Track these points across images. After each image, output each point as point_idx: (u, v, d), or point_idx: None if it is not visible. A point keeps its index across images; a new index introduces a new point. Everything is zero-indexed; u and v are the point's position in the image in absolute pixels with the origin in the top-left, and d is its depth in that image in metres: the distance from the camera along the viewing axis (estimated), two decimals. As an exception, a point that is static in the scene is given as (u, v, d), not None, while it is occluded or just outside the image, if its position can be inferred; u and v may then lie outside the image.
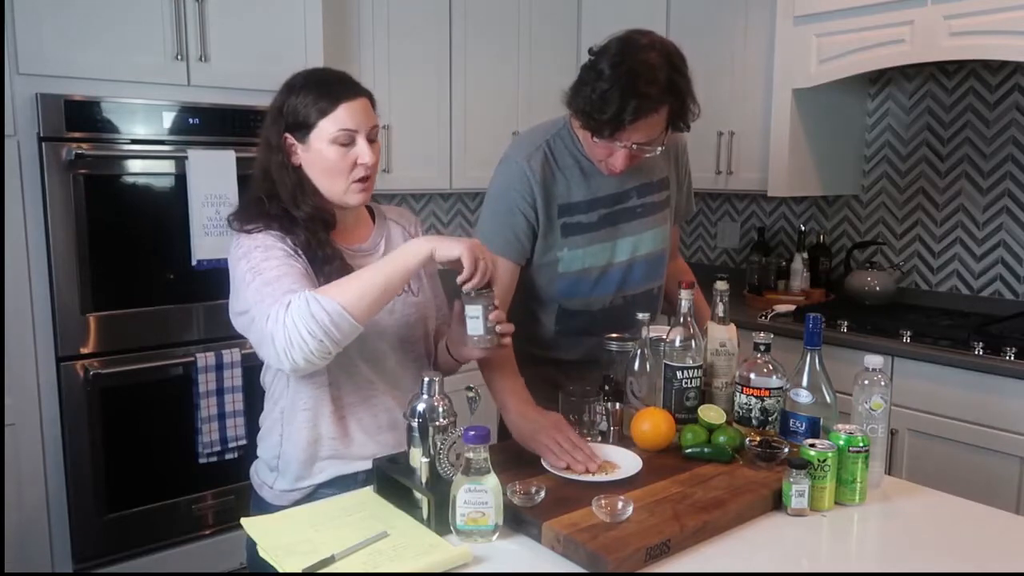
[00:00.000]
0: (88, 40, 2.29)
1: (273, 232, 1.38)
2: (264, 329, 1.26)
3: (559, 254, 1.69)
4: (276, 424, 1.47)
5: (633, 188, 1.73)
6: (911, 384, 2.45)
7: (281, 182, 1.40)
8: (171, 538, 2.55)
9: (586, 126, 1.54)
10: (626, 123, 1.48)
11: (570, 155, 1.68)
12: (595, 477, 1.35)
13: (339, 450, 1.44)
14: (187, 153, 2.43)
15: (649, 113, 1.49)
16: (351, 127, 1.38)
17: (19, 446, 2.28)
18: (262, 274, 1.32)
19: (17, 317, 2.25)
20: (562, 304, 1.74)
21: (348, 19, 2.97)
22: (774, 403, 1.53)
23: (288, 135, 1.40)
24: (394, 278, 1.28)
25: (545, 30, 3.52)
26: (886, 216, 3.14)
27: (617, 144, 1.54)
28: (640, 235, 1.75)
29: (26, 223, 2.25)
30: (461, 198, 3.77)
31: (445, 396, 1.29)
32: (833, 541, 1.28)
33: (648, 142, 1.55)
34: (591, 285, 1.73)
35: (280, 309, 1.24)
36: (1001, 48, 2.37)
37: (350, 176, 1.40)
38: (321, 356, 1.24)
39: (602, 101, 1.47)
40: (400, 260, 1.28)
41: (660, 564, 1.14)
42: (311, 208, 1.40)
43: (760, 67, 3.06)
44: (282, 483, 1.46)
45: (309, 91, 1.38)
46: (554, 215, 1.67)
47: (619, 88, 1.46)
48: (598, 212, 1.70)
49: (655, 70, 1.47)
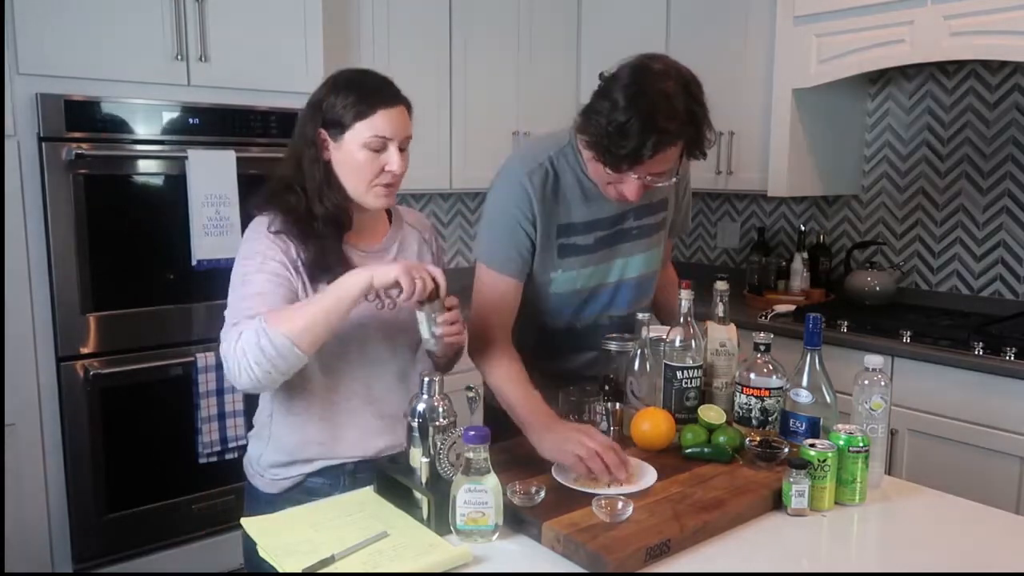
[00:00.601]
0: (88, 40, 2.29)
1: (283, 238, 1.41)
2: (221, 349, 1.35)
3: (553, 275, 1.65)
4: (265, 427, 1.52)
5: (631, 210, 1.67)
6: (911, 384, 2.45)
7: (310, 175, 1.43)
8: (171, 538, 2.55)
9: (600, 158, 1.47)
10: (645, 158, 1.41)
11: (572, 174, 1.62)
12: (607, 490, 1.30)
13: (327, 451, 1.48)
14: (187, 153, 2.43)
15: (667, 147, 1.42)
16: (385, 134, 1.41)
17: (19, 446, 2.28)
18: (246, 285, 1.39)
19: (17, 317, 2.25)
20: (547, 322, 1.72)
21: (348, 19, 2.98)
22: (774, 403, 1.53)
23: (323, 131, 1.42)
24: (339, 308, 1.31)
25: (545, 30, 3.52)
26: (886, 216, 3.14)
27: (632, 176, 1.47)
28: (632, 257, 1.71)
29: (26, 223, 2.25)
30: (461, 198, 3.77)
31: (445, 396, 1.29)
32: (833, 541, 1.27)
33: (662, 172, 1.49)
34: (580, 305, 1.70)
35: (234, 336, 1.32)
36: (1001, 48, 2.37)
37: (376, 180, 1.43)
38: (268, 383, 1.32)
39: (620, 135, 1.39)
40: (342, 291, 1.31)
41: (660, 564, 1.14)
42: (332, 206, 1.42)
43: (760, 67, 3.06)
44: (272, 471, 1.49)
45: (351, 92, 1.40)
46: (552, 235, 1.62)
47: (638, 122, 1.38)
48: (595, 235, 1.65)
49: (673, 100, 1.39)
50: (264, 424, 1.53)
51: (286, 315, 1.31)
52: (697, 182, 2.01)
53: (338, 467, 1.48)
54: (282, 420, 1.49)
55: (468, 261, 3.79)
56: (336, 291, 1.31)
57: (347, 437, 1.48)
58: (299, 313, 1.31)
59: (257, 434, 1.55)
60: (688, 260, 3.85)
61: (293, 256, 1.41)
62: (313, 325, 1.30)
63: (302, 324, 1.29)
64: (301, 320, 1.30)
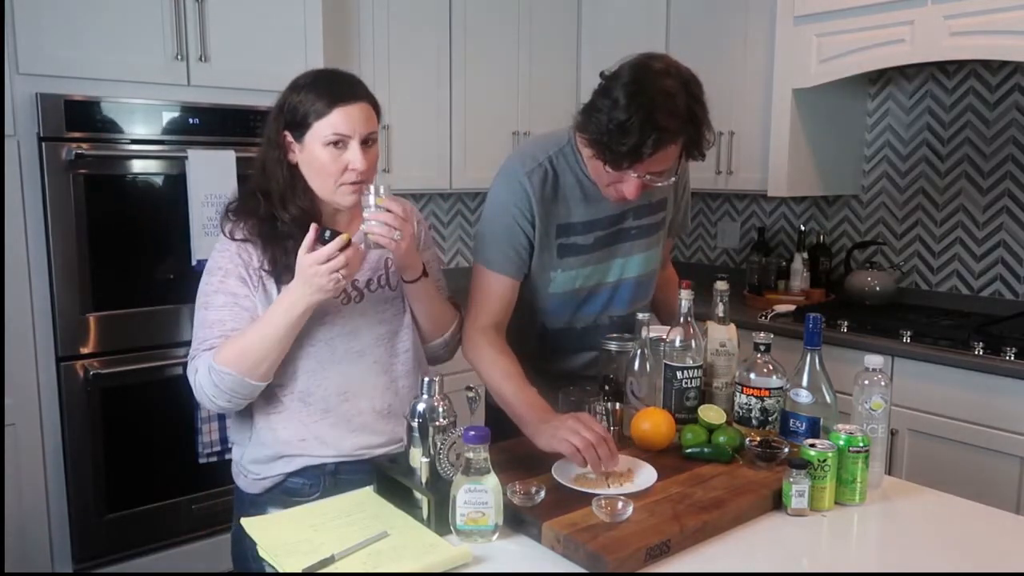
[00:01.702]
0: (88, 40, 2.29)
1: (246, 248, 1.43)
2: (188, 375, 1.43)
3: (552, 274, 1.66)
4: (247, 425, 1.51)
5: (631, 210, 1.68)
6: (911, 384, 2.44)
7: (274, 178, 1.43)
8: (171, 538, 2.55)
9: (600, 156, 1.47)
10: (645, 156, 1.42)
11: (572, 174, 1.63)
12: (608, 490, 1.30)
13: (307, 448, 1.47)
14: (187, 153, 2.43)
15: (668, 145, 1.43)
16: (344, 132, 1.38)
17: (19, 446, 2.29)
18: (206, 309, 1.43)
19: (17, 317, 2.25)
20: (546, 322, 1.72)
21: (348, 19, 2.97)
22: (774, 403, 1.53)
23: (286, 133, 1.42)
24: (288, 334, 1.36)
25: (545, 30, 3.52)
26: (886, 216, 3.14)
27: (631, 174, 1.48)
28: (631, 257, 1.72)
29: (26, 223, 2.25)
30: (461, 198, 3.77)
31: (445, 396, 1.29)
32: (833, 541, 1.27)
33: (661, 172, 1.49)
34: (579, 305, 1.71)
35: (192, 370, 1.41)
36: (1001, 48, 2.37)
37: (341, 179, 1.40)
38: (236, 406, 1.42)
39: (620, 132, 1.40)
40: (289, 317, 1.34)
41: (660, 564, 1.14)
42: (298, 210, 1.42)
43: (760, 67, 3.06)
44: (254, 470, 1.49)
45: (310, 91, 1.39)
46: (552, 234, 1.63)
47: (639, 119, 1.38)
48: (595, 234, 1.66)
49: (674, 99, 1.40)
50: (245, 422, 1.52)
51: (237, 350, 1.35)
52: (697, 182, 2.01)
53: (318, 467, 1.47)
54: (262, 419, 1.48)
55: (468, 261, 3.79)
56: (284, 318, 1.34)
57: (326, 436, 1.47)
58: (250, 347, 1.35)
59: (239, 432, 1.55)
60: (688, 260, 3.85)
61: (256, 265, 1.43)
62: (263, 358, 1.36)
63: (253, 359, 1.35)
64: (252, 354, 1.35)
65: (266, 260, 1.42)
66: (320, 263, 1.29)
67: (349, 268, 1.31)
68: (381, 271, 1.53)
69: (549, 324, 1.72)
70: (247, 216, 1.45)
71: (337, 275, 1.30)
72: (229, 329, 1.40)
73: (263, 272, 1.43)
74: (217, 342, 1.39)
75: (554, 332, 1.73)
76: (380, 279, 1.53)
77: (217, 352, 1.37)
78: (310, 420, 1.47)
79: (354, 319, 1.49)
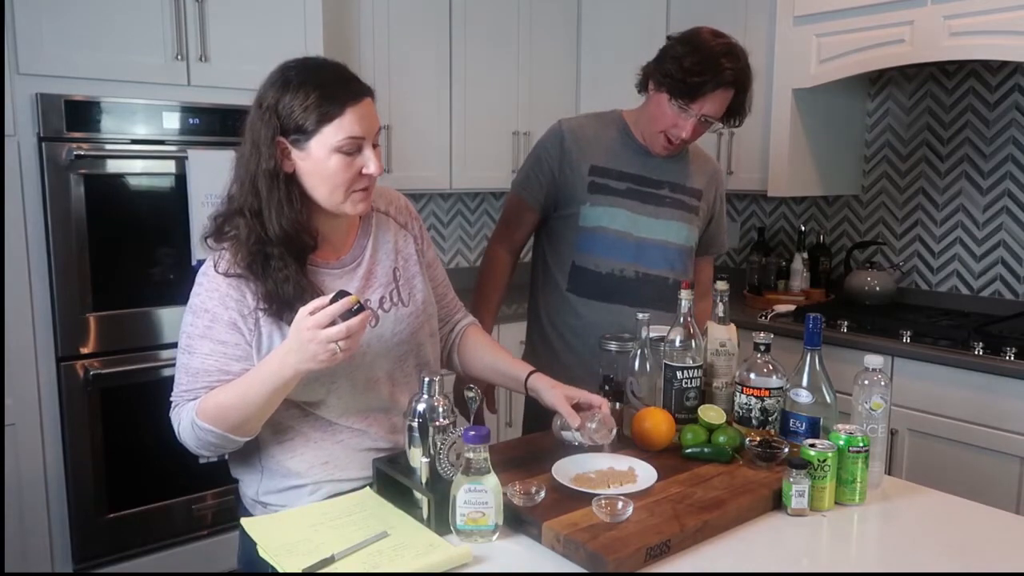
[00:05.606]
0: (88, 40, 2.29)
1: (238, 287, 1.27)
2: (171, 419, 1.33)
3: (581, 208, 1.86)
4: (255, 460, 1.40)
5: (667, 182, 1.90)
6: (911, 384, 2.45)
7: (266, 192, 1.26)
8: (171, 538, 2.55)
9: (671, 89, 1.74)
10: (708, 92, 1.73)
11: (617, 131, 1.90)
12: (608, 490, 1.29)
13: (333, 473, 1.37)
14: (187, 153, 2.43)
15: (728, 86, 1.74)
16: (359, 135, 1.25)
17: (19, 446, 2.28)
18: (190, 355, 1.29)
19: (17, 317, 2.25)
20: (575, 260, 1.88)
21: (348, 19, 2.98)
22: (774, 403, 1.53)
23: (282, 139, 1.26)
24: (275, 398, 1.25)
25: (545, 31, 3.52)
26: (886, 216, 3.14)
27: (691, 111, 1.75)
28: (661, 220, 1.88)
29: (26, 223, 2.25)
30: (461, 198, 3.77)
31: (445, 396, 1.28)
32: (833, 541, 1.27)
33: (714, 117, 1.78)
34: (606, 245, 1.86)
35: (175, 419, 1.31)
36: (1001, 48, 2.37)
37: (354, 186, 1.28)
38: (219, 456, 1.34)
39: (697, 64, 1.72)
40: (275, 382, 1.21)
41: (660, 564, 1.14)
42: (290, 227, 1.26)
43: (760, 67, 3.05)
44: (276, 498, 1.39)
45: (309, 89, 1.24)
46: (583, 172, 1.86)
47: (710, 61, 1.72)
48: (627, 184, 1.87)
49: (737, 53, 1.77)
50: (253, 457, 1.39)
51: (220, 409, 1.24)
52: (697, 182, 2.01)
53: (338, 493, 1.36)
54: (274, 449, 1.37)
55: (468, 261, 3.79)
56: (269, 383, 1.21)
57: (352, 459, 1.37)
58: (232, 408, 1.24)
59: (246, 470, 1.41)
60: (688, 260, 3.84)
61: (251, 304, 1.27)
62: (246, 419, 1.25)
63: (235, 419, 1.24)
64: (235, 415, 1.24)
65: (261, 299, 1.27)
66: (320, 327, 1.14)
67: (351, 341, 1.16)
68: (392, 286, 1.42)
69: (578, 263, 1.88)
70: (235, 246, 1.28)
71: (335, 347, 1.15)
72: (215, 380, 1.27)
73: (259, 312, 1.27)
74: (201, 392, 1.27)
75: (584, 271, 1.88)
76: (392, 295, 1.41)
77: (201, 407, 1.25)
78: (328, 441, 1.37)
79: (371, 344, 1.36)
